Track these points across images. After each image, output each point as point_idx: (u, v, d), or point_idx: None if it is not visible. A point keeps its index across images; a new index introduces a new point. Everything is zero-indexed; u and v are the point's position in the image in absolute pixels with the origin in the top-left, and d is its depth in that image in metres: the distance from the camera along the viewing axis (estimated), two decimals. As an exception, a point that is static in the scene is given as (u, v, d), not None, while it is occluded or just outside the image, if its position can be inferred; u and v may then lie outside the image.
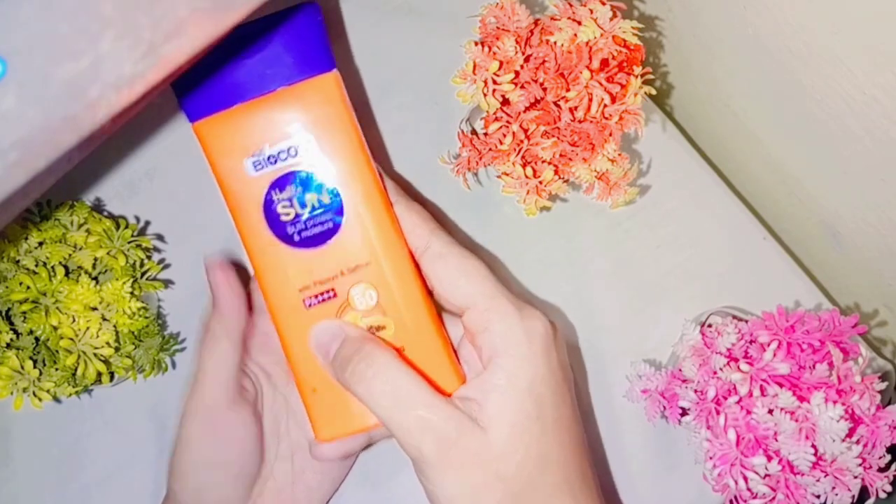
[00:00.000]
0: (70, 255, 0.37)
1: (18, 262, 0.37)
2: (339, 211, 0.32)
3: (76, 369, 0.36)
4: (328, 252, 0.32)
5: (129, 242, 0.38)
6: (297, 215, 0.32)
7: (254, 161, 0.32)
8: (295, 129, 0.32)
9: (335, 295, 0.33)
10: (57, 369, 0.36)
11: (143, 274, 0.39)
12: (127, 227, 0.39)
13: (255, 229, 0.33)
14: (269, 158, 0.32)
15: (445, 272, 0.33)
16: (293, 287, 0.33)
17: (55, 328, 0.36)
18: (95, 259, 0.37)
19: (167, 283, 0.43)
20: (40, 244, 0.37)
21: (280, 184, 0.32)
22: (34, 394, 0.36)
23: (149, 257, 0.40)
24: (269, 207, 0.32)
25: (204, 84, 0.32)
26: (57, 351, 0.36)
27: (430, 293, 0.34)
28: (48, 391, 0.36)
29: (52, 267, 0.36)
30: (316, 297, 0.33)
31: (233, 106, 0.32)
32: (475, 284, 0.32)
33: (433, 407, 0.30)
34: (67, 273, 0.37)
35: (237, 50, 0.32)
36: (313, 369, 0.33)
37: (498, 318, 0.32)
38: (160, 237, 0.44)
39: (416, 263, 0.34)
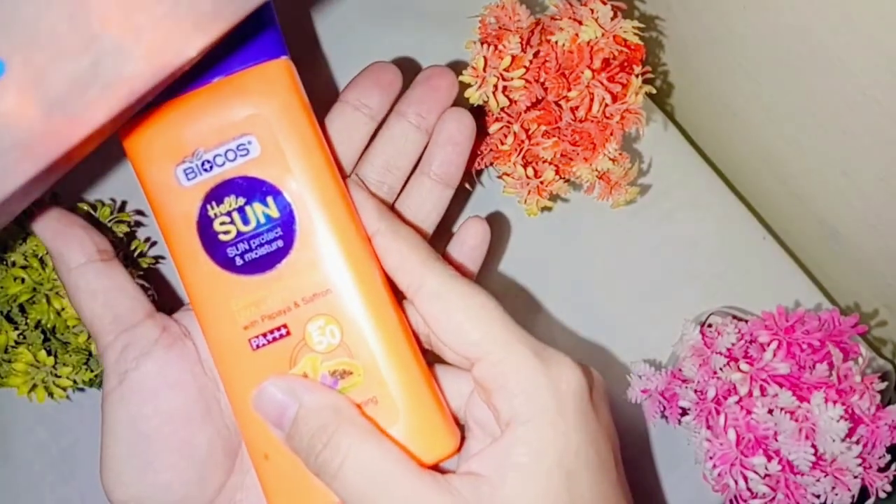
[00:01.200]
0: None
1: (5, 260, 0.37)
2: (291, 226, 0.26)
3: (90, 353, 0.37)
4: (278, 278, 0.26)
5: (109, 220, 0.39)
6: (238, 234, 0.26)
7: (185, 168, 0.26)
8: (234, 127, 0.26)
9: (288, 333, 0.26)
10: (70, 355, 0.36)
11: (133, 252, 0.40)
12: (104, 205, 0.39)
13: (190, 253, 0.27)
14: (203, 164, 0.26)
15: (446, 316, 0.26)
16: (237, 324, 0.26)
17: (59, 313, 0.36)
18: None
19: (157, 258, 0.44)
20: (24, 239, 0.37)
21: (217, 195, 0.26)
22: (54, 384, 0.36)
23: (134, 234, 0.40)
24: (204, 225, 0.26)
25: None
26: (67, 342, 0.36)
27: (410, 330, 0.28)
28: (67, 377, 0.36)
29: (42, 258, 0.37)
30: (264, 335, 0.26)
31: (160, 105, 0.26)
32: (484, 330, 0.26)
33: (419, 496, 0.24)
34: None
35: None
36: (265, 431, 0.26)
37: (516, 372, 0.25)
38: (140, 212, 0.44)
39: (395, 290, 0.28)
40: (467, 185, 0.38)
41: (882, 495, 0.32)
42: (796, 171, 0.42)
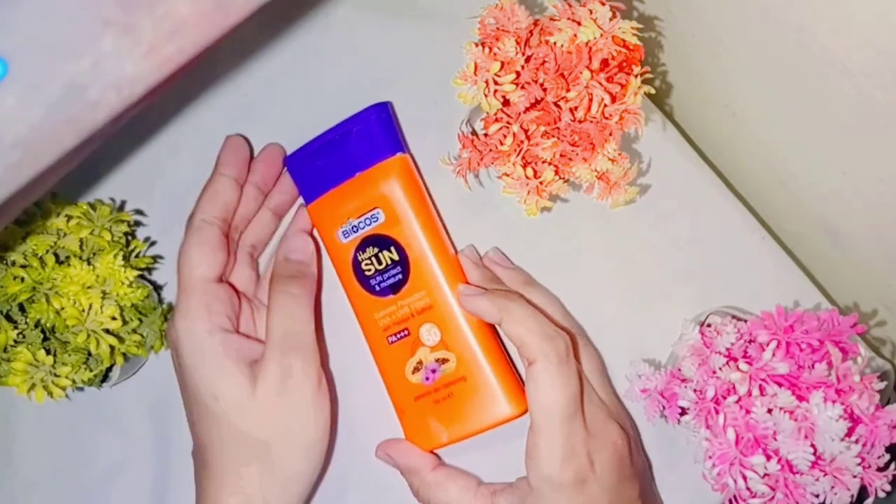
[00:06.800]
0: (56, 242, 0.37)
1: (5, 260, 0.37)
2: (406, 264, 0.39)
3: (89, 353, 0.36)
4: (401, 298, 0.39)
5: (108, 220, 0.39)
6: (376, 270, 0.40)
7: (343, 230, 0.41)
8: (371, 202, 0.40)
9: (409, 333, 0.39)
10: (70, 354, 0.36)
11: (131, 252, 0.40)
12: (103, 204, 0.40)
13: (351, 284, 0.41)
14: (353, 228, 0.40)
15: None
16: (379, 327, 0.40)
17: (58, 312, 0.36)
18: (81, 241, 0.38)
19: (156, 258, 0.44)
20: (24, 238, 0.37)
21: (362, 246, 0.40)
22: (53, 383, 0.36)
23: (133, 234, 0.41)
24: (356, 265, 0.40)
25: (313, 173, 0.41)
26: (67, 341, 0.36)
27: (488, 330, 0.39)
28: (66, 377, 0.36)
29: (42, 257, 0.37)
30: (395, 335, 0.40)
31: (329, 190, 0.41)
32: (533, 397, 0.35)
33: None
34: (58, 261, 0.37)
35: (331, 146, 0.41)
36: (403, 394, 0.40)
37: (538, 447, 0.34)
38: (139, 212, 0.44)
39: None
40: (466, 186, 0.38)
41: (881, 495, 0.32)
42: (796, 171, 0.42)
